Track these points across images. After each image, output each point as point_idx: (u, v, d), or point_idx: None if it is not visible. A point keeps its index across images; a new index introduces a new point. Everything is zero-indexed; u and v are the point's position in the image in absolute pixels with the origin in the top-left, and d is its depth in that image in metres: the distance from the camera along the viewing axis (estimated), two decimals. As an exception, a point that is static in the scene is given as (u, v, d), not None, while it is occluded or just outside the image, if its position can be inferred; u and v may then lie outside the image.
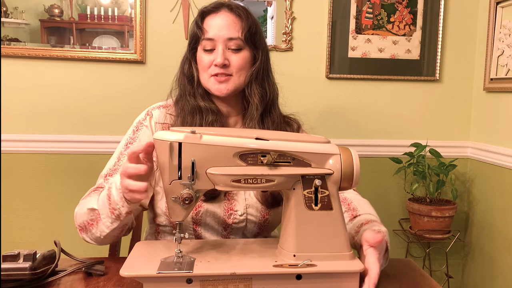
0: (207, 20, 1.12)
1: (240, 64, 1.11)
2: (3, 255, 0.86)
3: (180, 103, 1.14)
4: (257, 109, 1.13)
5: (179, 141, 0.84)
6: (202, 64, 1.12)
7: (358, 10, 1.94)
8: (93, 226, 1.03)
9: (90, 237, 1.06)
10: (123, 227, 1.03)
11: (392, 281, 0.95)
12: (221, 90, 1.11)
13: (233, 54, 1.11)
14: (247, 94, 1.14)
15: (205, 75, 1.12)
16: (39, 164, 1.89)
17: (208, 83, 1.12)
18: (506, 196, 1.81)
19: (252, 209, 1.13)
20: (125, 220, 1.00)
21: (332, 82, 1.99)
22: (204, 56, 1.12)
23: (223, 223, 1.12)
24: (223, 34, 1.10)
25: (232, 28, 1.10)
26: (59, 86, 1.86)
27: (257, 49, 1.15)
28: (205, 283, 0.83)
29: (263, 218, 1.14)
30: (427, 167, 1.85)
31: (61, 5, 1.84)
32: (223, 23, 1.10)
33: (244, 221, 1.13)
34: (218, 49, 1.10)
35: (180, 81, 1.17)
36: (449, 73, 2.04)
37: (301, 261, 0.85)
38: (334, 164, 0.88)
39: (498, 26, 1.86)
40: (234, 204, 1.12)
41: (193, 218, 1.10)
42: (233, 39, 1.10)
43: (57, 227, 1.92)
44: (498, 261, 1.87)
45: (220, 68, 1.09)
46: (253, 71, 1.13)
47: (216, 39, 1.10)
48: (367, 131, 2.03)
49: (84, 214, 1.04)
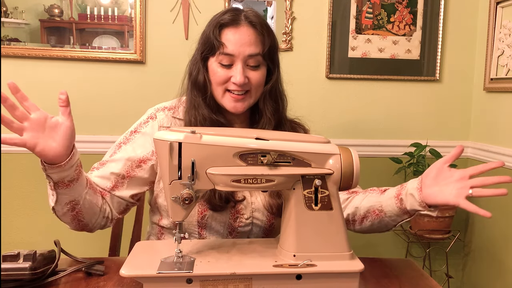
0: (226, 33, 1.06)
1: (258, 81, 1.08)
2: (3, 255, 0.86)
3: (190, 113, 1.10)
4: (270, 123, 1.11)
5: (179, 141, 0.84)
6: (217, 79, 1.07)
7: (358, 10, 1.94)
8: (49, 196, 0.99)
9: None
10: (72, 205, 0.98)
11: (392, 281, 0.95)
12: (237, 108, 1.08)
13: (251, 71, 1.07)
14: (261, 108, 1.12)
15: (219, 89, 1.08)
16: (39, 164, 1.88)
17: (224, 99, 1.08)
18: (506, 196, 1.81)
19: (258, 213, 1.13)
20: (64, 195, 0.95)
21: (332, 82, 1.99)
22: (220, 70, 1.06)
23: (229, 227, 1.11)
24: (244, 50, 1.04)
25: (253, 45, 1.05)
26: (59, 86, 1.86)
27: (274, 64, 1.12)
28: (205, 283, 0.83)
29: (269, 222, 1.14)
30: (427, 167, 1.85)
31: (61, 5, 1.84)
32: (244, 40, 1.05)
33: (250, 225, 1.12)
34: (238, 67, 1.05)
35: (191, 91, 1.12)
36: (449, 73, 2.04)
37: (301, 261, 0.85)
38: (334, 164, 0.88)
39: (498, 26, 1.86)
40: (240, 208, 1.11)
41: (199, 222, 1.09)
42: (253, 56, 1.06)
43: (57, 227, 1.90)
44: (498, 261, 1.87)
45: (238, 86, 1.05)
46: (268, 86, 1.11)
47: (237, 55, 1.04)
48: (367, 131, 2.03)
49: None
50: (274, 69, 1.12)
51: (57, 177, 0.93)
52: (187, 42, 1.86)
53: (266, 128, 1.11)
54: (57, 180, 0.93)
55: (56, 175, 0.93)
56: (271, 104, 1.12)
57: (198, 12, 1.87)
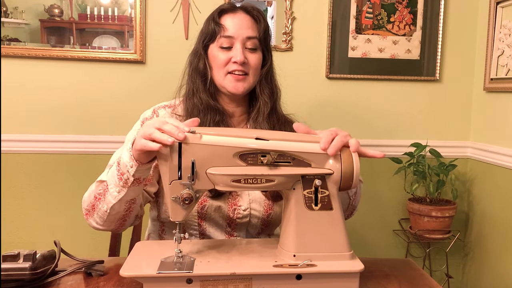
0: (225, 18, 1.14)
1: (256, 63, 1.15)
2: (3, 255, 0.86)
3: (193, 99, 1.15)
4: (266, 105, 1.17)
5: (179, 141, 0.84)
6: (218, 62, 1.13)
7: (358, 10, 1.94)
8: (100, 200, 1.00)
9: (96, 217, 1.03)
10: (130, 204, 1.00)
11: (392, 281, 0.95)
12: (238, 88, 1.13)
13: (249, 53, 1.14)
14: (257, 92, 1.18)
15: (221, 72, 1.13)
16: (39, 164, 1.89)
17: (225, 80, 1.14)
18: (506, 196, 1.81)
19: (256, 204, 1.15)
20: (131, 192, 0.97)
21: (332, 82, 1.99)
22: (220, 54, 1.13)
23: (228, 218, 1.13)
24: (242, 32, 1.12)
25: (250, 28, 1.14)
26: (59, 86, 1.86)
27: (268, 51, 1.20)
28: (205, 283, 0.83)
29: (267, 213, 1.15)
30: (427, 167, 1.85)
31: (61, 5, 1.83)
32: (242, 23, 1.13)
33: (247, 216, 1.14)
34: (237, 47, 1.12)
35: (191, 78, 1.17)
36: (449, 73, 2.04)
37: (301, 261, 0.85)
38: (334, 164, 0.88)
39: (498, 26, 1.86)
40: (237, 200, 1.14)
41: (199, 212, 1.11)
42: (251, 38, 1.14)
43: (57, 227, 1.92)
44: (498, 261, 1.87)
45: (239, 65, 1.11)
46: (264, 71, 1.18)
47: (236, 37, 1.12)
48: (367, 131, 2.03)
49: (92, 192, 1.03)
50: (268, 55, 1.20)
51: (141, 174, 0.95)
52: (187, 42, 1.86)
53: (263, 110, 1.17)
54: (138, 177, 0.95)
55: (142, 173, 0.95)
56: (267, 87, 1.18)
57: (198, 12, 1.87)
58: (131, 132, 1.17)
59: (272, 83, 1.20)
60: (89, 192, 1.06)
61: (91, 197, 1.04)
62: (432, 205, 1.85)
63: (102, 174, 1.07)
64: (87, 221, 1.07)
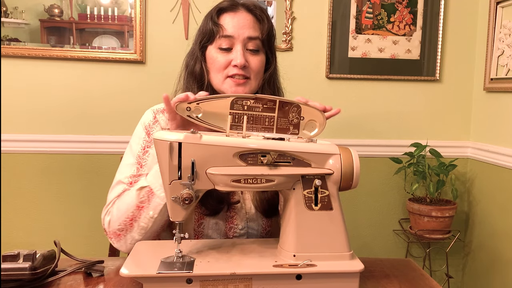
0: (225, 17, 1.06)
1: (258, 67, 1.07)
2: (3, 255, 0.86)
3: None
4: None
5: (179, 141, 0.84)
6: (217, 64, 1.05)
7: (358, 10, 1.94)
8: (143, 208, 0.97)
9: (135, 232, 0.98)
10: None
11: (392, 281, 0.95)
12: (238, 93, 1.04)
13: (251, 55, 1.06)
14: None
15: (220, 76, 1.06)
16: (39, 164, 1.89)
17: (224, 85, 1.06)
18: (506, 196, 1.81)
19: (253, 223, 1.12)
20: None
21: (332, 82, 1.99)
22: (219, 56, 1.05)
23: (225, 235, 1.11)
24: (243, 32, 1.04)
25: (252, 28, 1.05)
26: (59, 86, 1.86)
27: (272, 53, 1.11)
28: (205, 283, 0.83)
29: (264, 231, 1.14)
30: (427, 167, 1.85)
31: (61, 5, 1.83)
32: (243, 22, 1.05)
33: (245, 235, 1.12)
34: (237, 48, 1.04)
35: (186, 82, 1.10)
36: (449, 73, 2.04)
37: (301, 261, 0.85)
38: (334, 164, 0.88)
39: (498, 26, 1.86)
40: (235, 218, 1.11)
41: (195, 230, 1.09)
42: (253, 39, 1.05)
43: (57, 227, 1.92)
44: (498, 261, 1.87)
45: (239, 69, 1.03)
46: (267, 75, 1.10)
47: (236, 37, 1.04)
48: (367, 131, 2.03)
49: (130, 203, 0.98)
50: (272, 58, 1.12)
51: None
52: (187, 42, 1.86)
53: None
54: None
55: None
56: (270, 93, 1.09)
57: (198, 12, 1.87)
58: (134, 139, 1.11)
59: (275, 88, 1.12)
60: (120, 208, 1.00)
61: (128, 211, 0.98)
62: (432, 205, 1.85)
63: (118, 187, 1.04)
64: (115, 244, 1.00)
